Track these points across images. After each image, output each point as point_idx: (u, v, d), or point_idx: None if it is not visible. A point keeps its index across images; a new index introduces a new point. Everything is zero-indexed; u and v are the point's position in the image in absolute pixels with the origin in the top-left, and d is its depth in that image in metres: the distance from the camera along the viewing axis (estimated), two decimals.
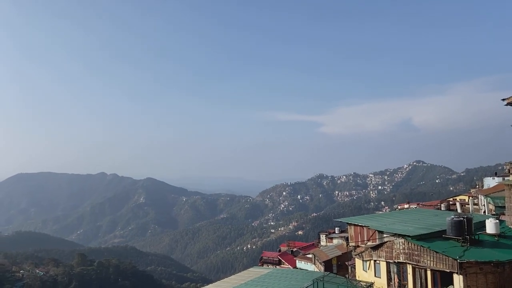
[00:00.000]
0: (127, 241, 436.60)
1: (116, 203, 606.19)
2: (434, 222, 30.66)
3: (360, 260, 31.34)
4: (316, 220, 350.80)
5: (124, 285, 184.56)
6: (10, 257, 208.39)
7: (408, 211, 47.47)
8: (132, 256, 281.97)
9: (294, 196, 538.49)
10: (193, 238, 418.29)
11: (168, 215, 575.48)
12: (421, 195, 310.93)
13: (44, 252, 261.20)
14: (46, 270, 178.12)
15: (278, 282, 34.26)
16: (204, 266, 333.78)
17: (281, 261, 68.04)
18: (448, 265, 23.34)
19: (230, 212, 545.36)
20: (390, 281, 27.39)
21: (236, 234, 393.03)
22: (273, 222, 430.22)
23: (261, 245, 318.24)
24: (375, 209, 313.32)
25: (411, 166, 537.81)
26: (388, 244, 27.23)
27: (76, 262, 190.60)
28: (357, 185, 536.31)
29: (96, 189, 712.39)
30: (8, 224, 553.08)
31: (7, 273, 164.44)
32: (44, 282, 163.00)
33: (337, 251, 52.91)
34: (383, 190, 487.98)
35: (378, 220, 33.09)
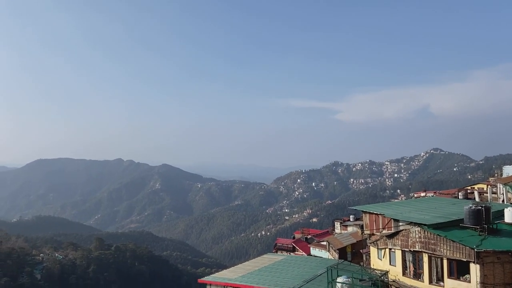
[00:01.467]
0: (143, 226, 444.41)
1: (132, 189, 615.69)
2: (452, 210, 30.20)
3: (375, 248, 31.14)
4: (331, 207, 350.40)
5: (140, 269, 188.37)
6: (30, 241, 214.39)
7: (424, 199, 46.93)
8: (148, 241, 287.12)
9: (308, 184, 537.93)
10: (208, 224, 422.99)
11: (183, 201, 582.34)
12: (438, 184, 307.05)
13: (63, 236, 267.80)
14: (65, 254, 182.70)
15: (292, 269, 34.41)
16: (219, 251, 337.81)
17: (295, 248, 68.19)
18: (465, 254, 23.01)
19: (245, 199, 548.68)
20: (405, 270, 27.17)
21: (250, 221, 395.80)
22: (288, 209, 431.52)
23: (275, 232, 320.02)
24: (390, 197, 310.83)
25: (428, 154, 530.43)
26: (404, 233, 26.94)
27: (94, 246, 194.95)
28: (373, 173, 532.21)
29: (113, 175, 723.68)
30: (28, 209, 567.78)
31: (28, 257, 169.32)
32: (63, 265, 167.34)
33: (352, 239, 52.72)
34: (399, 178, 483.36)
35: (393, 208, 32.76)
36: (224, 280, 31.85)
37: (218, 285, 31.87)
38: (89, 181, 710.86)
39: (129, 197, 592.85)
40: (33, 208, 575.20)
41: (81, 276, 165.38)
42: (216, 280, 32.39)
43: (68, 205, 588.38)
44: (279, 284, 29.06)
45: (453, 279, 23.84)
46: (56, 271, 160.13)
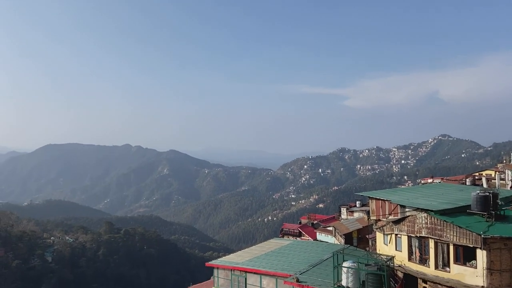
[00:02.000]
0: (152, 211, 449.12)
1: (140, 174, 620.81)
2: (459, 197, 30.14)
3: (381, 234, 31.27)
4: (337, 193, 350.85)
5: (149, 253, 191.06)
6: (41, 224, 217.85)
7: (432, 185, 46.83)
8: (157, 225, 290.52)
9: (315, 170, 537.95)
10: (215, 209, 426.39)
11: (191, 187, 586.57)
12: (445, 170, 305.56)
13: (73, 220, 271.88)
14: (76, 237, 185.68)
15: (298, 253, 34.72)
16: (226, 236, 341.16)
17: (302, 233, 68.57)
18: (472, 240, 23.05)
19: (252, 185, 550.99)
20: (411, 255, 27.31)
21: (257, 206, 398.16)
22: (294, 195, 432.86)
23: (281, 217, 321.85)
24: (397, 184, 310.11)
25: (436, 140, 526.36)
26: (410, 219, 27.01)
27: (103, 230, 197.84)
28: (380, 159, 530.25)
29: (121, 160, 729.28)
30: (39, 193, 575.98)
31: (39, 240, 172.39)
32: (74, 248, 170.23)
33: (358, 224, 52.88)
34: (406, 165, 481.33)
35: (400, 195, 32.76)
36: (231, 264, 32.26)
37: (226, 268, 32.29)
38: (98, 166, 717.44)
39: (138, 182, 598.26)
40: (44, 192, 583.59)
41: (91, 259, 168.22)
42: (224, 264, 32.82)
43: (78, 190, 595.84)
44: (286, 268, 29.38)
45: (459, 265, 23.95)
46: (66, 254, 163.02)
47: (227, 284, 32.15)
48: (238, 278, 31.14)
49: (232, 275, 31.70)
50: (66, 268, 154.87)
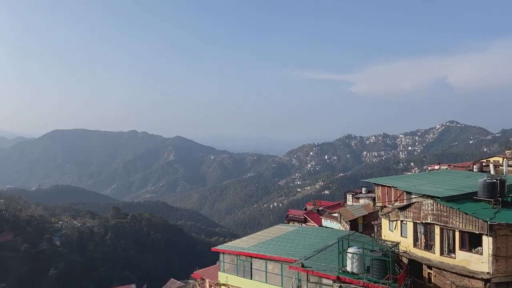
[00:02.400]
0: (158, 197, 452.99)
1: (147, 160, 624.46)
2: (465, 183, 29.96)
3: (386, 220, 31.27)
4: (343, 180, 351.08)
5: (156, 238, 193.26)
6: (49, 209, 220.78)
7: (438, 172, 46.58)
8: (163, 211, 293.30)
9: (321, 156, 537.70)
10: (221, 195, 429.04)
11: (196, 173, 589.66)
12: (453, 156, 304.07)
13: (80, 205, 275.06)
14: (83, 222, 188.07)
15: (303, 239, 34.86)
16: (232, 222, 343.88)
17: (307, 219, 68.88)
18: (478, 226, 22.97)
19: (257, 171, 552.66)
20: (417, 241, 27.32)
21: (263, 192, 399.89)
22: (300, 182, 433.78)
23: (287, 203, 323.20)
24: (404, 170, 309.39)
25: (443, 127, 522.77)
26: (416, 205, 26.93)
27: (111, 215, 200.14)
28: (386, 145, 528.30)
29: (127, 146, 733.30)
30: (46, 178, 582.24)
31: (47, 224, 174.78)
32: (82, 233, 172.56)
33: (363, 210, 52.95)
34: (413, 151, 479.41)
35: (406, 181, 32.62)
36: (237, 249, 32.49)
37: (231, 253, 32.53)
38: (105, 152, 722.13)
39: (144, 168, 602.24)
40: (51, 177, 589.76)
41: (99, 243, 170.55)
42: (229, 249, 33.06)
43: (85, 175, 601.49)
44: (291, 254, 29.54)
45: (465, 251, 23.92)
46: (74, 238, 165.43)
47: (232, 269, 32.44)
48: (244, 263, 31.39)
49: (237, 260, 31.95)
50: (74, 252, 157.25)
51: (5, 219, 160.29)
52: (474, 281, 23.40)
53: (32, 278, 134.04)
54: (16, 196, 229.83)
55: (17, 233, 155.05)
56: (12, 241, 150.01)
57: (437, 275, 25.38)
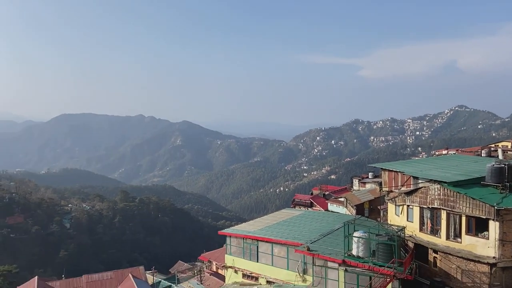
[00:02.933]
0: (166, 181, 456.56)
1: (154, 145, 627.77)
2: (473, 168, 29.81)
3: (392, 205, 31.30)
4: (350, 165, 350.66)
5: (163, 221, 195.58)
6: (59, 192, 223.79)
7: (446, 157, 46.30)
8: (171, 195, 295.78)
9: (328, 141, 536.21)
10: (227, 179, 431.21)
11: (203, 157, 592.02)
12: (461, 141, 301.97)
13: (89, 188, 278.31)
14: (92, 205, 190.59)
15: (309, 223, 35.09)
16: (238, 206, 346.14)
17: (313, 204, 69.22)
18: (485, 211, 22.94)
19: (264, 156, 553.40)
20: (423, 226, 27.37)
21: (269, 177, 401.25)
22: (306, 166, 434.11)
23: (293, 188, 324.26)
24: (411, 155, 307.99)
25: (452, 111, 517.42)
26: (423, 190, 26.89)
27: (119, 198, 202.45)
28: (394, 130, 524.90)
29: (135, 130, 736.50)
30: (55, 162, 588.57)
31: (57, 207, 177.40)
32: (91, 215, 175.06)
33: (370, 195, 52.98)
34: (421, 136, 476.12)
35: (413, 166, 32.53)
36: (244, 233, 32.82)
37: (238, 237, 32.88)
38: (112, 136, 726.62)
39: (151, 152, 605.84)
40: (60, 161, 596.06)
41: (108, 226, 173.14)
42: (236, 232, 33.41)
43: (93, 159, 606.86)
44: (297, 237, 29.79)
45: (471, 236, 23.95)
46: (84, 221, 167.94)
47: (239, 252, 32.83)
48: (250, 246, 31.74)
49: (244, 243, 32.31)
50: (84, 234, 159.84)
51: (16, 202, 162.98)
52: (480, 266, 23.48)
53: (43, 259, 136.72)
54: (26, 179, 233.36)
55: (28, 215, 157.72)
56: (22, 223, 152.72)
57: (443, 259, 25.49)
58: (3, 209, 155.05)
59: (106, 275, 56.56)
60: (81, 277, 55.05)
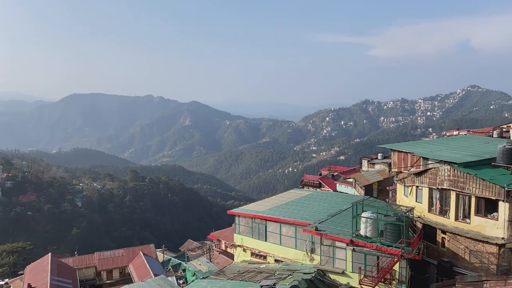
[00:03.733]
0: (175, 161, 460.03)
1: (163, 125, 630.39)
2: (484, 149, 29.48)
3: (401, 186, 31.22)
4: (359, 146, 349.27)
5: (173, 200, 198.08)
6: (70, 171, 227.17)
7: (457, 138, 45.83)
8: (180, 175, 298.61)
9: (337, 122, 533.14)
10: (236, 160, 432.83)
11: (212, 138, 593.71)
12: (473, 122, 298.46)
13: (100, 168, 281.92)
14: (103, 184, 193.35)
15: (318, 203, 35.21)
16: (247, 186, 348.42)
17: (322, 184, 69.35)
18: (495, 192, 22.78)
19: (273, 137, 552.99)
20: (431, 207, 27.32)
21: (278, 158, 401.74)
22: (315, 147, 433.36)
23: (302, 168, 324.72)
24: (421, 136, 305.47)
25: (464, 91, 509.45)
26: (433, 171, 26.73)
27: (129, 178, 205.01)
28: (404, 111, 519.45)
29: (144, 110, 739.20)
30: (66, 141, 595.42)
31: (68, 186, 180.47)
32: (102, 194, 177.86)
33: (379, 176, 52.92)
34: (431, 116, 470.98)
35: (423, 147, 32.26)
36: (252, 212, 33.08)
37: (246, 216, 33.18)
38: (122, 116, 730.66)
39: (161, 132, 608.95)
40: (71, 141, 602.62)
41: (119, 205, 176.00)
42: (245, 212, 33.69)
43: (103, 139, 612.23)
44: (305, 217, 29.96)
45: (480, 217, 23.88)
46: (95, 200, 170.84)
47: (248, 231, 33.18)
48: (259, 225, 32.04)
49: (253, 222, 32.60)
50: (95, 213, 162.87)
51: (28, 181, 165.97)
52: (488, 246, 23.48)
53: (55, 236, 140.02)
54: (38, 158, 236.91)
55: (40, 194, 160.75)
56: (35, 201, 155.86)
57: (451, 240, 25.52)
58: (16, 187, 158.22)
59: (117, 252, 57.81)
60: (93, 254, 56.39)
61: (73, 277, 49.03)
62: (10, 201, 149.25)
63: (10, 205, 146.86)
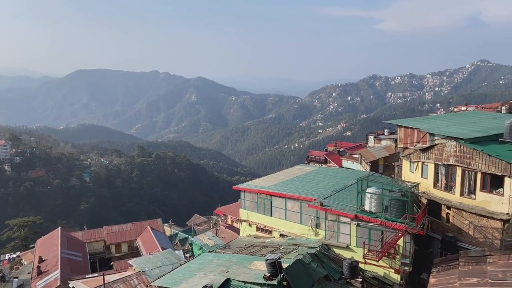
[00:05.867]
0: (181, 137, 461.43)
1: (169, 101, 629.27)
2: (492, 125, 29.19)
3: (407, 162, 31.17)
4: (366, 121, 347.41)
5: (180, 176, 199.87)
6: (77, 147, 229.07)
7: (464, 113, 45.34)
8: (186, 150, 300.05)
9: (344, 98, 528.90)
10: (242, 136, 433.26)
11: (218, 114, 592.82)
12: (481, 97, 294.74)
13: (107, 144, 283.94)
14: (110, 160, 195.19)
15: (323, 179, 35.33)
16: (253, 162, 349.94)
17: (327, 160, 69.37)
18: (501, 168, 22.69)
19: (279, 112, 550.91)
20: (437, 182, 27.33)
21: (284, 134, 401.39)
22: (321, 123, 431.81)
23: (308, 144, 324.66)
24: (429, 112, 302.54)
25: (474, 66, 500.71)
26: (439, 147, 26.60)
27: (136, 154, 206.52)
28: (412, 86, 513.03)
29: (150, 86, 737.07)
30: (73, 117, 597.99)
31: (76, 161, 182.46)
32: (109, 170, 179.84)
33: (385, 152, 52.74)
34: (440, 92, 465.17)
35: (430, 123, 31.99)
36: (258, 188, 33.30)
37: (252, 192, 33.43)
38: (128, 92, 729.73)
39: (167, 108, 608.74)
40: (78, 116, 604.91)
41: (126, 180, 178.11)
42: (250, 188, 33.92)
43: (110, 115, 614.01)
44: (310, 193, 30.12)
45: (485, 192, 23.88)
46: (103, 175, 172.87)
47: (253, 206, 33.51)
48: (264, 201, 32.31)
49: (258, 198, 32.87)
50: (103, 188, 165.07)
51: (37, 156, 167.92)
52: (492, 222, 23.57)
53: (65, 211, 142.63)
54: (46, 134, 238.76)
55: (49, 169, 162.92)
56: (44, 176, 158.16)
57: (456, 215, 25.63)
58: (25, 163, 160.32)
59: (125, 226, 58.92)
60: (102, 228, 57.52)
61: (83, 251, 50.24)
62: (20, 177, 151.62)
63: (19, 180, 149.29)
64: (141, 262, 34.66)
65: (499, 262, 21.39)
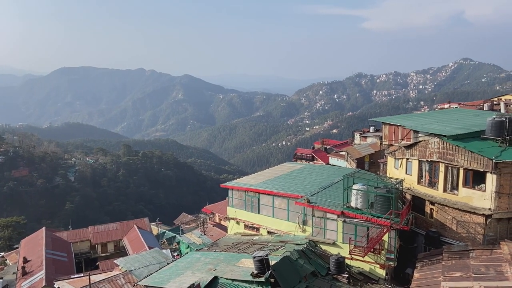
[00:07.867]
0: (168, 135, 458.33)
1: (155, 99, 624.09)
2: (474, 122, 29.80)
3: (392, 158, 31.62)
4: (352, 119, 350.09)
5: (167, 174, 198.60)
6: (62, 146, 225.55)
7: (447, 111, 46.10)
8: (173, 149, 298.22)
9: (330, 95, 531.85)
10: (230, 134, 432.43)
11: (205, 112, 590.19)
12: (464, 95, 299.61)
13: (92, 142, 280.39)
14: (96, 159, 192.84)
15: (310, 176, 35.61)
16: (241, 160, 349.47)
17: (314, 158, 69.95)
18: (483, 164, 23.19)
19: (266, 110, 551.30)
20: (421, 179, 27.80)
21: (271, 131, 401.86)
22: (308, 121, 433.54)
23: (295, 142, 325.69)
24: (413, 109, 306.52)
25: (457, 64, 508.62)
26: (423, 144, 27.05)
27: (122, 152, 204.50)
28: (397, 84, 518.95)
29: (135, 84, 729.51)
30: (57, 116, 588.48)
31: (61, 160, 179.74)
32: (95, 169, 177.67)
33: (370, 149, 53.39)
34: (424, 90, 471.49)
35: (414, 120, 32.50)
36: (245, 186, 33.40)
37: (240, 190, 33.52)
38: (113, 90, 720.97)
39: (153, 106, 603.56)
40: (62, 115, 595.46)
41: (112, 179, 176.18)
42: (238, 186, 34.00)
43: (95, 113, 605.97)
44: (297, 190, 30.35)
45: (468, 188, 24.39)
46: (88, 174, 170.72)
47: (241, 204, 33.61)
48: (252, 198, 32.43)
49: (246, 195, 32.99)
50: (89, 187, 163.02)
51: (20, 155, 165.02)
52: (475, 217, 24.09)
53: (49, 211, 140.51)
54: (29, 133, 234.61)
55: (32, 168, 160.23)
56: (28, 176, 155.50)
57: (439, 210, 26.12)
58: (8, 162, 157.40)
59: (111, 226, 58.45)
60: (88, 228, 56.96)
61: (68, 251, 49.68)
62: (3, 176, 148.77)
63: (2, 180, 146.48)
64: (127, 261, 34.47)
65: (481, 256, 21.88)
